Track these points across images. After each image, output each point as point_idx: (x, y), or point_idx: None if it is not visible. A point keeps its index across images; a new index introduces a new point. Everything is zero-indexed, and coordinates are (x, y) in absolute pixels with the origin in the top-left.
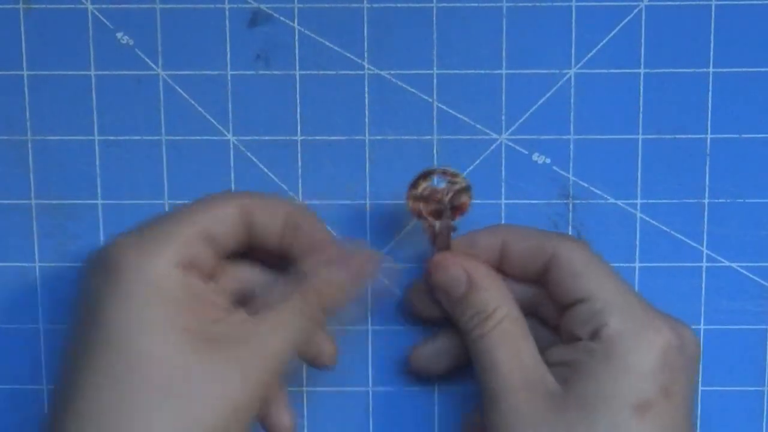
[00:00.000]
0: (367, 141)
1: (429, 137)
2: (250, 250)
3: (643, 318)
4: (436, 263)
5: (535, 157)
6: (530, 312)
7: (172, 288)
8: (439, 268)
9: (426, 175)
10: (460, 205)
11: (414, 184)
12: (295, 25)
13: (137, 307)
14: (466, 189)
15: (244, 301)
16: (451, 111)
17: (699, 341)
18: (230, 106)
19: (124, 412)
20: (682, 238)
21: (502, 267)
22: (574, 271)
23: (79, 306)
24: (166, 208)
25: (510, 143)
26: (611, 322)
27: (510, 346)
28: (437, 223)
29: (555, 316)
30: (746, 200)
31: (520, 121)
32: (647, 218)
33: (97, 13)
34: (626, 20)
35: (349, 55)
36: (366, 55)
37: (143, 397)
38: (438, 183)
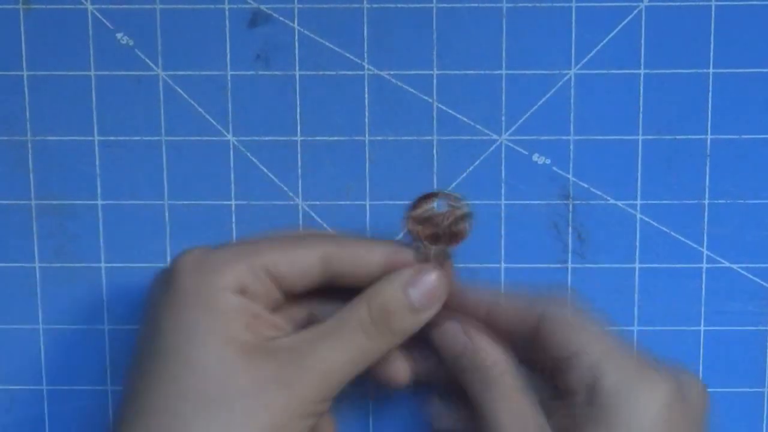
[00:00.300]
0: (367, 141)
1: (429, 137)
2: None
3: (639, 371)
4: (433, 323)
5: (535, 157)
6: (527, 364)
7: (225, 306)
8: (436, 328)
9: (428, 197)
10: (458, 231)
11: (414, 205)
12: (295, 25)
13: (189, 320)
14: (467, 216)
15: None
16: (451, 111)
17: (705, 390)
18: (230, 106)
19: (169, 417)
20: (682, 238)
21: (491, 324)
22: (564, 326)
23: (144, 314)
24: (166, 208)
25: (510, 143)
26: (606, 375)
27: (509, 400)
28: (433, 248)
29: (550, 368)
30: (746, 201)
31: (520, 121)
32: (647, 219)
33: (97, 13)
34: (626, 20)
35: (349, 55)
36: (366, 55)
37: (189, 405)
38: (439, 207)
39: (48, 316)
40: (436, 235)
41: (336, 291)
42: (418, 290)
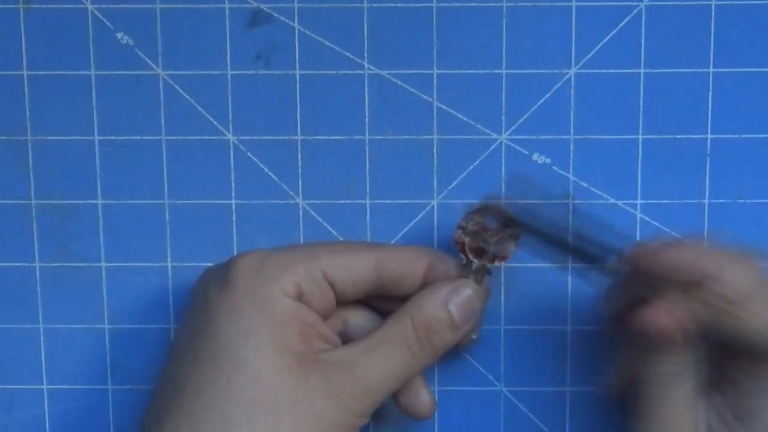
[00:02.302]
0: (367, 141)
1: (429, 137)
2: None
3: None
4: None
5: (535, 157)
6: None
7: (281, 311)
8: (652, 314)
9: (481, 210)
10: (504, 251)
11: (467, 217)
12: (295, 25)
13: (245, 322)
14: (515, 237)
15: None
16: (451, 111)
17: None
18: (230, 106)
19: (218, 416)
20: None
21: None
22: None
23: (192, 308)
24: (166, 208)
25: (510, 143)
26: None
27: (686, 413)
28: (474, 263)
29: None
30: (746, 200)
31: (520, 121)
32: (647, 218)
33: (97, 13)
34: (626, 20)
35: (349, 55)
36: (366, 55)
37: (238, 407)
38: (489, 222)
39: (48, 316)
40: (481, 251)
41: (366, 302)
42: (458, 307)
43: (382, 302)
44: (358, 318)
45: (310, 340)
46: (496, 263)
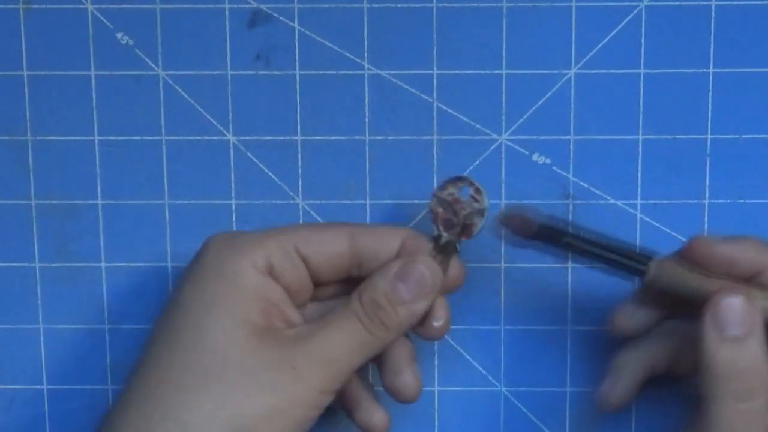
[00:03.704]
0: (367, 141)
1: (429, 137)
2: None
3: None
4: (723, 293)
5: (535, 157)
6: None
7: (245, 285)
8: (720, 300)
9: (456, 180)
10: (470, 225)
11: (442, 186)
12: (295, 25)
13: (209, 294)
14: (482, 212)
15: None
16: (451, 111)
17: None
18: (230, 106)
19: (170, 387)
20: (682, 238)
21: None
22: None
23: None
24: (166, 208)
25: (510, 143)
26: None
27: (751, 421)
28: (444, 236)
29: None
30: (746, 200)
31: (520, 121)
32: (647, 218)
33: (97, 13)
34: (626, 20)
35: (349, 55)
36: (366, 55)
37: (190, 377)
38: (463, 194)
39: (48, 316)
40: (451, 223)
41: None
42: (408, 283)
43: None
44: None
45: (271, 317)
46: (463, 237)
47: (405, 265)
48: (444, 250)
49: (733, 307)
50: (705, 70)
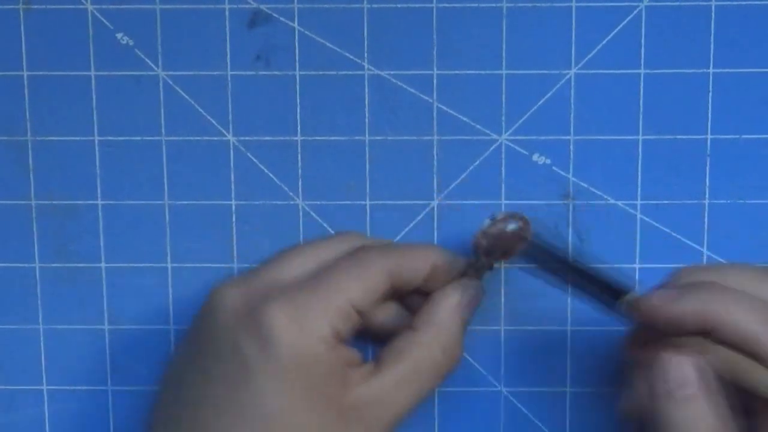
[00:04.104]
0: (367, 141)
1: (429, 137)
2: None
3: None
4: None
5: (535, 157)
6: None
7: (324, 367)
8: (665, 359)
9: (508, 217)
10: (511, 251)
11: (494, 223)
12: (295, 25)
13: (292, 385)
14: (525, 240)
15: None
16: (451, 111)
17: None
18: (230, 106)
19: None
20: (682, 238)
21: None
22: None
23: (221, 358)
24: (166, 208)
25: (510, 143)
26: None
27: None
28: (482, 261)
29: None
30: (746, 201)
31: (520, 121)
32: (647, 218)
33: (97, 13)
34: (626, 20)
35: (349, 55)
36: (366, 55)
37: None
38: (510, 228)
39: (48, 316)
40: (492, 252)
41: None
42: (467, 308)
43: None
44: (385, 312)
45: (346, 377)
46: (502, 260)
47: (464, 296)
48: (478, 271)
49: (679, 367)
50: (705, 70)
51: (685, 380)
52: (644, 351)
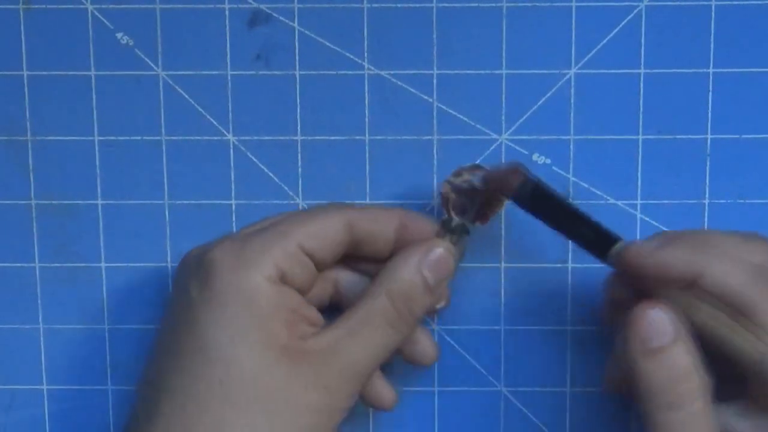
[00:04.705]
0: (367, 141)
1: (429, 137)
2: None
3: None
4: (640, 306)
5: (535, 157)
6: None
7: (265, 303)
8: (639, 313)
9: (473, 168)
10: (487, 214)
11: (457, 172)
12: (295, 25)
13: (231, 319)
14: (500, 203)
15: (335, 302)
16: (451, 111)
17: None
18: (230, 106)
19: (212, 418)
20: None
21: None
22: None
23: (174, 305)
24: (166, 208)
25: (510, 143)
26: None
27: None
28: (455, 220)
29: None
30: (746, 200)
31: (520, 121)
32: (647, 218)
33: (97, 13)
34: (626, 20)
35: (349, 55)
36: (366, 55)
37: (233, 408)
38: (478, 181)
39: (48, 316)
40: (464, 208)
41: (354, 259)
42: (431, 269)
43: (359, 264)
44: (347, 277)
45: (296, 326)
46: (477, 224)
47: (426, 252)
48: (455, 232)
49: (652, 319)
50: (705, 70)
51: (659, 330)
52: (623, 312)
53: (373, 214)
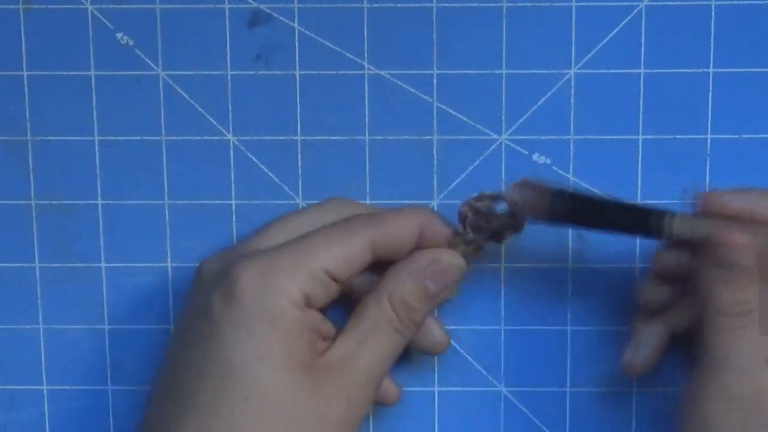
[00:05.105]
0: (367, 141)
1: (429, 137)
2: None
3: None
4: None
5: (535, 157)
6: None
7: (290, 325)
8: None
9: (495, 198)
10: (501, 234)
11: (480, 197)
12: (295, 25)
13: (256, 340)
14: (516, 229)
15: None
16: (451, 111)
17: None
18: (230, 106)
19: None
20: None
21: None
22: None
23: (193, 319)
24: (166, 208)
25: (510, 143)
26: None
27: (757, 349)
28: (469, 234)
29: None
30: None
31: (520, 121)
32: None
33: (97, 13)
34: (626, 20)
35: (349, 55)
36: (366, 55)
37: (257, 425)
38: (499, 209)
39: (48, 316)
40: (480, 228)
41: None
42: (434, 278)
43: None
44: (361, 278)
45: (315, 343)
46: (491, 242)
47: (432, 264)
48: (468, 245)
49: (731, 245)
50: (705, 70)
51: (733, 258)
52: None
53: (395, 228)
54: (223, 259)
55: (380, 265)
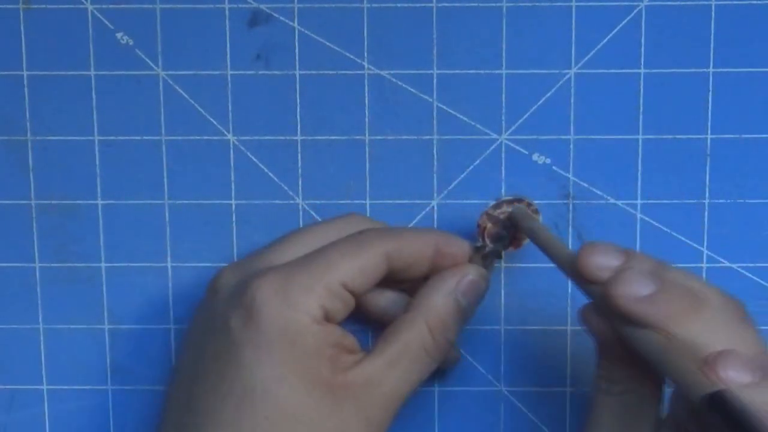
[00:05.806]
0: (367, 141)
1: (429, 137)
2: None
3: None
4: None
5: (535, 157)
6: None
7: (311, 341)
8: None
9: (513, 200)
10: (521, 237)
11: (498, 204)
12: (295, 25)
13: (277, 359)
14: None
15: (377, 321)
16: (451, 111)
17: None
18: (230, 106)
19: None
20: (682, 238)
21: None
22: None
23: (210, 335)
24: (166, 208)
25: (510, 143)
26: None
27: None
28: (489, 246)
29: None
30: (746, 200)
31: (520, 121)
32: (647, 218)
33: (97, 13)
34: (626, 20)
35: (349, 55)
36: (366, 55)
37: None
38: (516, 211)
39: (48, 316)
40: (499, 236)
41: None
42: (465, 294)
43: (390, 284)
44: (386, 298)
45: (337, 359)
46: (510, 248)
47: (461, 279)
48: (487, 257)
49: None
50: (705, 70)
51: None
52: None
53: (410, 242)
54: (240, 271)
55: (394, 284)
